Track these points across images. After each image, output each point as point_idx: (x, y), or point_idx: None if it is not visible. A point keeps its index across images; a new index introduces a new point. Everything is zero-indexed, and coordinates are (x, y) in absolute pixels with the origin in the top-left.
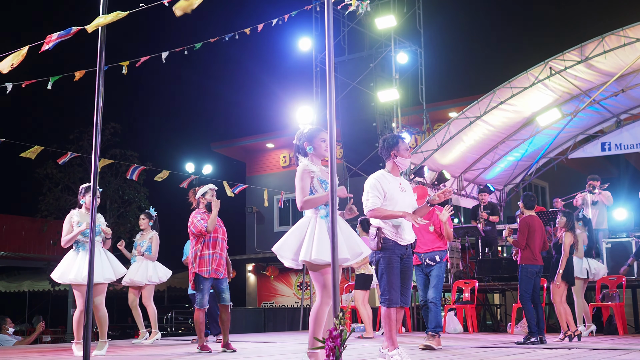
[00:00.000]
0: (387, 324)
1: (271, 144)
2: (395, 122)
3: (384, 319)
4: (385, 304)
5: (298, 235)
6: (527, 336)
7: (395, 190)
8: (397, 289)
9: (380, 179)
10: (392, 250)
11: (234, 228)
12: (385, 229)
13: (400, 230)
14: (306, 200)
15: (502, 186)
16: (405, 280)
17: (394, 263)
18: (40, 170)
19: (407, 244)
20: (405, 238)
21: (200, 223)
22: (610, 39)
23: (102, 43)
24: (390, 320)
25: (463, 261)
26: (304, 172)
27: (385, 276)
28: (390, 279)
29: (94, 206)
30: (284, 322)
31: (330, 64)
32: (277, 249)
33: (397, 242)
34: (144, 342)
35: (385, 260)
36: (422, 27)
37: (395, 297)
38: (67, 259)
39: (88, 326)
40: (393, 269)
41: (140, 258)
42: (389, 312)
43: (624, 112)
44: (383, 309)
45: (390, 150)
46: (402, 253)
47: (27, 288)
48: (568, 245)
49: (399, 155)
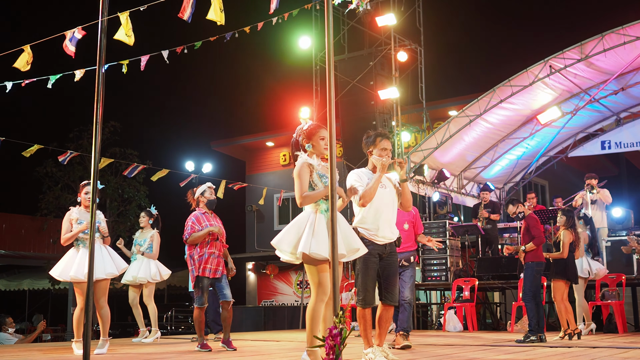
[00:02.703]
0: (361, 324)
1: (271, 142)
2: (395, 121)
3: (358, 318)
4: (360, 304)
5: (298, 229)
6: (527, 334)
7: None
8: (371, 290)
9: (360, 174)
10: (368, 251)
11: (234, 226)
12: (360, 229)
13: (377, 228)
14: (305, 196)
15: (502, 184)
16: (390, 277)
17: (370, 264)
18: (40, 168)
19: (386, 242)
20: (383, 236)
21: (188, 229)
22: (610, 37)
23: (102, 43)
24: (365, 321)
25: (463, 259)
26: (302, 165)
27: (360, 277)
28: (365, 280)
29: (93, 204)
30: (284, 321)
31: (330, 63)
32: (277, 243)
33: (374, 241)
34: (144, 341)
35: (361, 260)
36: (422, 26)
37: (369, 298)
38: (67, 257)
39: (88, 324)
40: (368, 270)
41: (140, 256)
42: (364, 312)
43: (623, 111)
44: (358, 309)
45: (368, 147)
46: (380, 252)
47: (27, 287)
48: (567, 243)
49: (375, 153)
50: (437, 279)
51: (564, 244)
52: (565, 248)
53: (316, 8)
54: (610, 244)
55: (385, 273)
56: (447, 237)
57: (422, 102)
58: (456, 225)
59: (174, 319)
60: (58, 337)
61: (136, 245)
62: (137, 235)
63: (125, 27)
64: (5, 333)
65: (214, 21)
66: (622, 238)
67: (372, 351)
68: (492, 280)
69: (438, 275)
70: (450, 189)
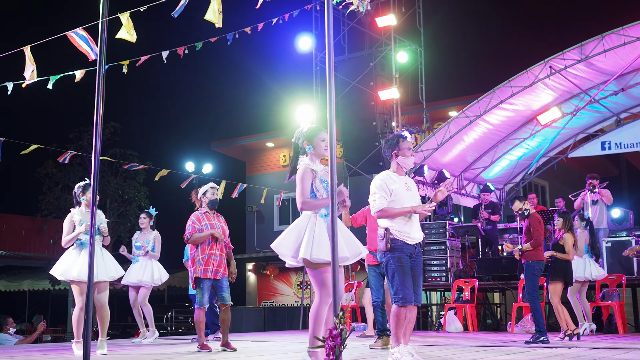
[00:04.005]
0: (395, 322)
1: (271, 143)
2: (395, 121)
3: (393, 317)
4: (400, 302)
5: (297, 233)
6: (537, 335)
7: (401, 189)
8: (410, 287)
9: (386, 179)
10: (401, 250)
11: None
12: (392, 229)
13: (408, 229)
14: (306, 202)
15: (502, 185)
16: (416, 278)
17: (405, 262)
18: (40, 169)
19: (415, 243)
20: (413, 237)
21: (189, 229)
22: (610, 37)
23: (102, 43)
24: (399, 319)
25: (463, 260)
26: (305, 171)
27: (398, 275)
28: (403, 278)
29: (94, 205)
30: (284, 322)
31: (330, 63)
32: (276, 246)
33: (405, 241)
34: (144, 341)
35: (395, 260)
36: (422, 26)
37: (409, 296)
38: (69, 257)
39: (88, 325)
40: (405, 268)
41: (142, 258)
42: (400, 311)
43: (624, 111)
44: (394, 307)
45: (392, 150)
46: (411, 252)
47: (27, 287)
48: (571, 245)
49: (400, 154)
50: (437, 280)
51: (569, 247)
52: (571, 250)
53: (316, 9)
54: (610, 245)
55: (412, 273)
56: (447, 237)
57: (422, 102)
58: (456, 225)
59: (174, 320)
60: (58, 337)
61: (140, 247)
62: (137, 237)
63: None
64: (6, 334)
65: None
66: (622, 239)
67: (398, 350)
68: (492, 281)
69: (438, 276)
70: (450, 189)
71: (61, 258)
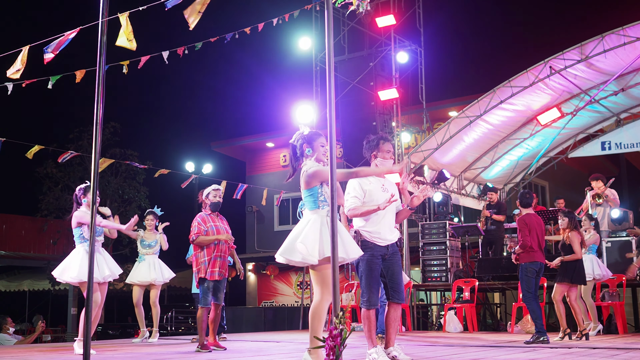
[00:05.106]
0: (366, 325)
1: (271, 143)
2: (395, 121)
3: (363, 319)
4: (365, 305)
5: (313, 235)
6: (536, 336)
7: (376, 190)
8: (376, 291)
9: (362, 180)
10: (371, 252)
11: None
12: (362, 231)
13: (378, 230)
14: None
15: (502, 185)
16: (395, 276)
17: (374, 265)
18: (40, 169)
19: (388, 244)
20: (384, 238)
21: (194, 229)
22: (610, 37)
23: (102, 43)
24: (369, 322)
25: (463, 260)
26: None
27: (365, 278)
28: (369, 281)
29: (94, 205)
30: (284, 321)
31: (330, 63)
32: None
33: (376, 242)
34: (149, 341)
35: (364, 262)
36: (422, 26)
37: (374, 299)
38: (77, 258)
39: (88, 325)
40: (372, 271)
41: (149, 257)
42: (368, 314)
43: (623, 111)
44: (363, 310)
45: (372, 151)
46: (383, 253)
47: (27, 287)
48: (578, 243)
49: (379, 156)
50: (437, 280)
51: (576, 246)
52: (578, 249)
53: (316, 9)
54: (610, 245)
55: (389, 273)
56: (447, 237)
57: (422, 102)
58: (456, 225)
59: (174, 320)
60: (58, 337)
61: (150, 246)
62: (144, 235)
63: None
64: (5, 334)
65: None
66: (622, 239)
67: (375, 351)
68: (492, 281)
69: (438, 276)
70: (451, 189)
71: (70, 259)
